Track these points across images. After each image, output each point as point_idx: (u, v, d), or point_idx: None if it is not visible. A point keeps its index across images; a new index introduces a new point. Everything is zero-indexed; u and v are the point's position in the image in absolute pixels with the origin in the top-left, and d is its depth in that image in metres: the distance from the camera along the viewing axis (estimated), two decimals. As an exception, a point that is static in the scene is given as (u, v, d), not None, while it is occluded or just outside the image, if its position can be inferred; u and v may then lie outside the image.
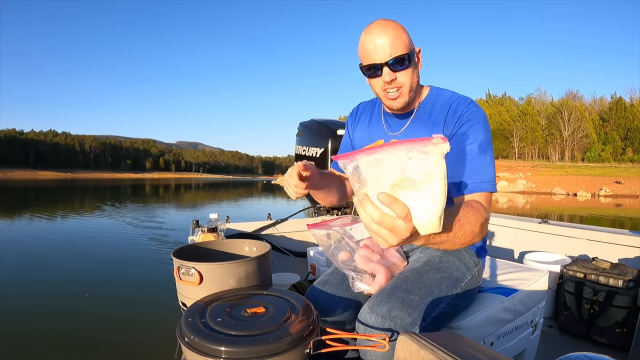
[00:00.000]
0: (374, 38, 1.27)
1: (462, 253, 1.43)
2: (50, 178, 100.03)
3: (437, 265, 1.33)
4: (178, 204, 22.75)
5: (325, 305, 1.30)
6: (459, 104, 1.36)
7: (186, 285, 1.18)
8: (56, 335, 3.76)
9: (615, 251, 2.57)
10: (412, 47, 1.31)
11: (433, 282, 1.25)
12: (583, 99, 76.84)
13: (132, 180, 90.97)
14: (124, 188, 42.99)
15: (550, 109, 72.18)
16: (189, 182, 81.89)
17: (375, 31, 1.27)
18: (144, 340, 3.64)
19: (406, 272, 1.29)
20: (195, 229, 2.29)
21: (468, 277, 1.37)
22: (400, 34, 1.27)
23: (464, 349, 0.75)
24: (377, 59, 1.28)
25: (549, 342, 2.28)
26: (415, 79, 1.36)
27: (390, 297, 1.15)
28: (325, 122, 3.70)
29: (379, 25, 1.28)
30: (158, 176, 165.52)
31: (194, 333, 0.87)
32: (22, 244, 8.57)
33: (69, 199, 25.15)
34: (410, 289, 1.19)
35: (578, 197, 35.19)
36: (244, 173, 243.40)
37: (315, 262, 2.75)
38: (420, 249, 1.47)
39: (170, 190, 40.03)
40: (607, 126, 68.32)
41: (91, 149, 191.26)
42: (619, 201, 30.65)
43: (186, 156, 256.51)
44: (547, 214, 16.68)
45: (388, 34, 1.26)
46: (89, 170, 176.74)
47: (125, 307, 4.60)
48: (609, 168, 53.27)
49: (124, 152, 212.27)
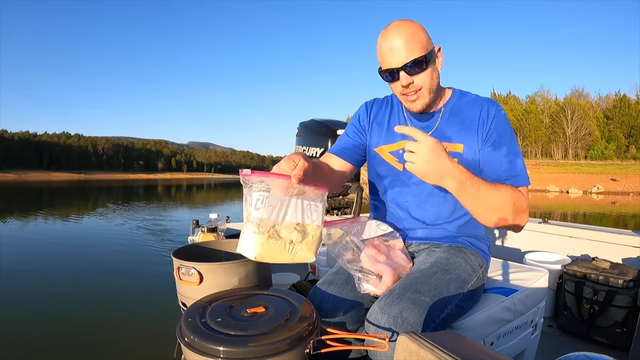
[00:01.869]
0: (390, 41, 1.24)
1: (468, 255, 1.40)
2: (64, 179, 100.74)
3: (444, 266, 1.29)
4: (190, 203, 22.83)
5: (329, 306, 1.27)
6: (489, 106, 1.36)
7: (186, 285, 1.17)
8: (56, 335, 3.76)
9: (615, 251, 2.53)
10: (430, 47, 1.27)
11: (442, 283, 1.22)
12: (589, 96, 76.07)
13: (145, 180, 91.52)
14: (137, 188, 43.30)
15: (554, 107, 71.53)
16: (200, 182, 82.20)
17: (391, 34, 1.24)
18: (144, 340, 3.64)
19: (414, 273, 1.26)
20: (195, 229, 2.27)
21: (474, 278, 1.34)
22: (417, 35, 1.24)
23: (464, 349, 0.73)
24: (394, 63, 1.25)
25: (549, 342, 2.25)
26: (435, 80, 1.32)
27: (402, 297, 1.12)
28: (325, 122, 3.67)
29: (395, 28, 1.24)
30: (170, 176, 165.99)
31: (193, 333, 0.86)
32: (24, 244, 8.66)
33: (81, 199, 25.37)
34: (420, 289, 1.17)
35: (570, 194, 35.71)
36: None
37: (316, 262, 2.72)
38: (427, 251, 1.43)
39: (182, 191, 40.27)
40: (611, 124, 67.40)
41: (104, 150, 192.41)
42: (611, 198, 31.07)
43: (198, 156, 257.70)
44: (535, 212, 16.59)
45: (404, 36, 1.22)
46: (102, 171, 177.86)
47: (125, 307, 4.61)
48: (609, 166, 52.78)
49: (136, 153, 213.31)
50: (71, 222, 12.99)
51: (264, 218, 0.91)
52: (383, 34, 1.27)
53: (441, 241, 1.46)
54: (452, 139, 1.37)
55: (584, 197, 32.47)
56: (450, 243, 1.44)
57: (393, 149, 1.47)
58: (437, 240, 1.46)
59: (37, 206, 19.91)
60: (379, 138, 1.51)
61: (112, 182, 74.98)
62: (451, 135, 1.37)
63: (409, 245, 1.49)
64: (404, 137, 1.42)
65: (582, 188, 39.30)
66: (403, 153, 1.39)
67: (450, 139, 1.37)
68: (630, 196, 33.63)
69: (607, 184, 40.07)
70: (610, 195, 34.37)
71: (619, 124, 66.39)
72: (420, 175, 1.17)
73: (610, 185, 40.07)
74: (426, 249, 1.45)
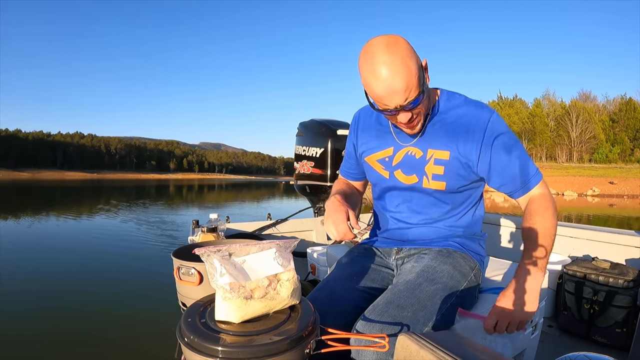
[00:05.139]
0: (383, 84, 1.11)
1: (457, 259, 1.37)
2: (77, 178, 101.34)
3: (431, 276, 1.26)
4: (200, 203, 22.90)
5: (329, 306, 1.26)
6: (481, 111, 1.30)
7: (186, 285, 1.15)
8: (56, 335, 3.74)
9: (615, 251, 2.50)
10: (422, 72, 1.16)
11: (427, 295, 1.20)
12: (597, 99, 75.52)
13: (157, 180, 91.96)
14: (149, 188, 43.43)
15: (559, 110, 71.02)
16: (212, 182, 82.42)
17: (382, 74, 1.10)
18: (144, 340, 3.62)
19: (399, 286, 1.24)
20: (195, 229, 2.26)
21: (464, 284, 1.31)
22: (411, 69, 1.10)
23: (464, 349, 0.72)
24: (392, 105, 1.15)
25: (549, 342, 2.22)
26: (426, 101, 1.25)
27: (383, 314, 1.12)
28: (325, 122, 3.65)
29: (387, 65, 1.09)
30: (182, 177, 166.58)
31: (193, 333, 0.84)
32: (25, 244, 8.59)
33: (92, 198, 25.47)
34: (403, 304, 1.15)
35: (565, 197, 36.07)
36: (266, 174, 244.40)
37: (315, 262, 2.71)
38: (415, 258, 1.40)
39: (193, 191, 40.37)
40: (617, 127, 66.87)
41: (116, 150, 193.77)
42: (606, 200, 31.48)
43: (209, 157, 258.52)
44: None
45: (400, 77, 1.09)
46: (115, 171, 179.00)
47: (125, 307, 4.58)
48: (611, 169, 52.62)
49: (148, 153, 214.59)
50: (75, 220, 13.00)
51: (233, 282, 0.89)
52: (371, 68, 1.11)
53: (432, 244, 1.43)
54: (438, 146, 1.33)
55: (579, 200, 32.93)
56: (440, 247, 1.41)
57: (380, 157, 1.45)
58: (428, 243, 1.44)
59: (48, 204, 20.03)
60: (367, 147, 1.49)
61: (124, 181, 75.37)
62: (437, 141, 1.33)
63: (400, 251, 1.47)
64: (391, 144, 1.42)
65: (578, 191, 39.69)
66: (390, 160, 1.41)
67: (435, 146, 1.33)
68: (624, 199, 34.08)
69: (604, 187, 40.28)
70: (605, 198, 34.66)
71: (624, 127, 66.00)
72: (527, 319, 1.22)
73: (607, 188, 40.30)
74: (415, 255, 1.42)
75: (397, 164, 1.40)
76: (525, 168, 1.29)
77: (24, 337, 3.64)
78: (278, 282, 0.95)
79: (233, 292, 0.88)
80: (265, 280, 0.93)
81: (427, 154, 1.34)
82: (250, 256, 0.95)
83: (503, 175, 1.30)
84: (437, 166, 1.33)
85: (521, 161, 1.29)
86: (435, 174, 1.33)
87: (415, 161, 1.36)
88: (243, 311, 0.89)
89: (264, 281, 0.93)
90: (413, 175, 1.38)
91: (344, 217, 1.28)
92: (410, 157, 1.37)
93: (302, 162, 3.66)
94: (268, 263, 0.96)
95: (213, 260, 0.90)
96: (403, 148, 1.39)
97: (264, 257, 0.96)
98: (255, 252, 0.96)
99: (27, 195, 28.75)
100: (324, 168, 3.52)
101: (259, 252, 0.96)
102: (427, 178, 1.35)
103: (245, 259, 0.94)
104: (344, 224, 1.27)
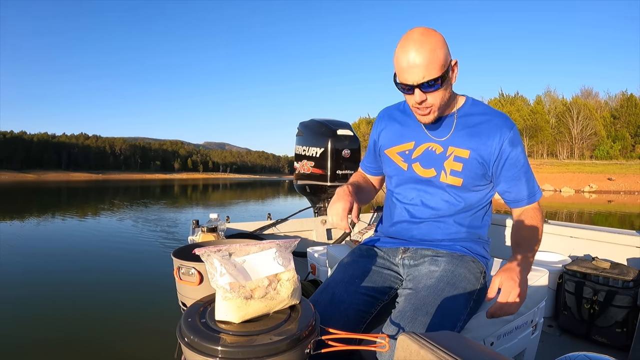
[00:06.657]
0: (408, 57, 1.19)
1: (470, 263, 1.37)
2: (82, 179, 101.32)
3: (451, 280, 1.28)
4: (205, 202, 22.90)
5: (329, 306, 1.26)
6: (504, 121, 1.37)
7: (186, 285, 1.15)
8: (56, 335, 3.73)
9: (615, 251, 2.48)
10: (447, 64, 1.23)
11: (450, 301, 1.21)
12: (598, 96, 74.96)
13: (161, 180, 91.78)
14: (153, 188, 43.40)
15: (561, 107, 70.62)
16: (216, 182, 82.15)
17: (411, 48, 1.19)
18: (144, 340, 3.60)
19: (423, 292, 1.24)
20: (195, 229, 2.25)
21: (478, 287, 1.32)
22: (436, 54, 1.19)
23: (464, 349, 0.70)
24: (410, 80, 1.22)
25: (549, 342, 2.21)
26: (447, 95, 1.31)
27: (414, 321, 1.13)
28: (325, 122, 3.64)
29: (416, 42, 1.19)
30: (186, 176, 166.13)
31: (193, 333, 0.84)
32: (27, 244, 8.58)
33: (97, 198, 25.47)
34: (431, 311, 1.17)
35: (562, 193, 36.48)
36: (270, 173, 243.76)
37: (315, 262, 2.69)
38: (429, 260, 1.39)
39: (197, 190, 40.35)
40: (618, 123, 66.35)
41: (121, 150, 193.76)
42: (604, 197, 31.78)
43: (214, 157, 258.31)
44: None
45: (423, 54, 1.18)
46: (120, 171, 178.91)
47: (125, 307, 4.57)
48: (612, 165, 52.31)
49: (153, 153, 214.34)
50: (78, 220, 12.99)
51: (233, 282, 0.88)
52: (403, 44, 1.21)
53: (439, 245, 1.43)
54: (459, 144, 1.37)
55: (576, 196, 33.42)
56: (448, 250, 1.42)
57: (400, 150, 1.48)
58: (436, 244, 1.43)
59: (54, 206, 20.02)
60: (390, 141, 1.52)
61: (129, 182, 75.23)
62: (459, 140, 1.38)
63: (406, 251, 1.46)
64: (412, 139, 1.45)
65: (576, 187, 39.94)
66: (410, 153, 1.44)
67: (457, 144, 1.38)
68: (621, 195, 34.44)
69: (602, 183, 40.37)
70: (603, 194, 34.97)
71: (625, 123, 65.42)
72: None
73: (605, 184, 40.39)
74: (427, 258, 1.41)
75: (417, 157, 1.44)
76: (532, 183, 1.39)
77: (24, 338, 3.64)
78: (278, 282, 0.94)
79: (233, 292, 0.87)
80: (265, 280, 0.92)
81: (447, 151, 1.38)
82: (250, 256, 0.94)
83: (511, 183, 1.38)
84: (456, 162, 1.37)
85: (528, 176, 1.38)
86: (454, 170, 1.37)
87: (435, 156, 1.40)
88: (243, 311, 0.88)
89: (264, 281, 0.92)
90: (431, 169, 1.41)
91: (346, 207, 1.30)
92: (430, 152, 1.41)
93: (302, 162, 3.65)
94: (268, 263, 0.95)
95: (213, 260, 0.90)
96: (424, 143, 1.42)
97: (264, 257, 0.95)
98: (256, 252, 0.95)
99: (32, 196, 28.75)
100: (324, 168, 3.51)
101: (259, 252, 0.95)
102: (445, 173, 1.38)
103: (245, 258, 0.93)
104: (344, 213, 1.29)
